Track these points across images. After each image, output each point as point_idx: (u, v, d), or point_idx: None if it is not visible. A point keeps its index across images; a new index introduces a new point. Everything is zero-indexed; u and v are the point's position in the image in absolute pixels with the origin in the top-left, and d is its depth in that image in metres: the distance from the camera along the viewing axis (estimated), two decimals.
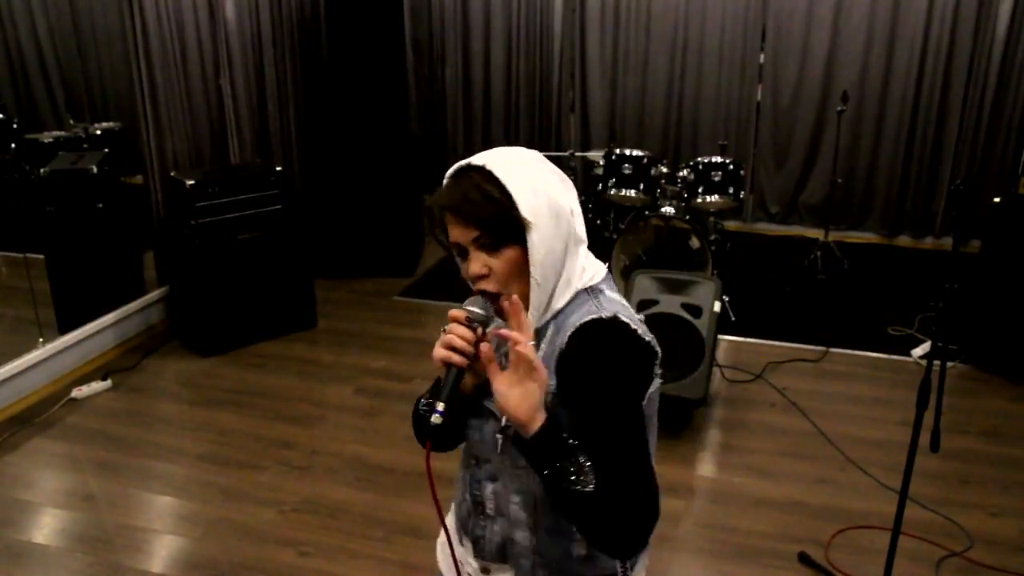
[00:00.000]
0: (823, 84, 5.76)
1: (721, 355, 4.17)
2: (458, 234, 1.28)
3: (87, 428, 3.62)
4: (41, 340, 3.90)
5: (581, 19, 6.14)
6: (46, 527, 2.98)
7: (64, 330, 4.05)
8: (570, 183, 1.34)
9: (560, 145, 6.31)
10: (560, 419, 1.23)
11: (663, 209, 4.42)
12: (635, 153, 4.58)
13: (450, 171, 1.34)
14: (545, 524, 1.36)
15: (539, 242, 1.25)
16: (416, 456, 3.35)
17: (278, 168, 4.37)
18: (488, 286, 1.28)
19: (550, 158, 1.38)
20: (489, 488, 1.40)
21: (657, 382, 1.32)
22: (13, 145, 4.19)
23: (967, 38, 5.38)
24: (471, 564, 1.47)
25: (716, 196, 4.59)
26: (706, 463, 3.37)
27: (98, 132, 4.56)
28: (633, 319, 1.29)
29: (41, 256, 4.15)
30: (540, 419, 1.20)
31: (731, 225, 5.94)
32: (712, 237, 4.54)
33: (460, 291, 1.34)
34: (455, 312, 1.27)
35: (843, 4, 5.57)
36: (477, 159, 1.30)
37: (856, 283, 5.15)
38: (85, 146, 4.47)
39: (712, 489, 3.17)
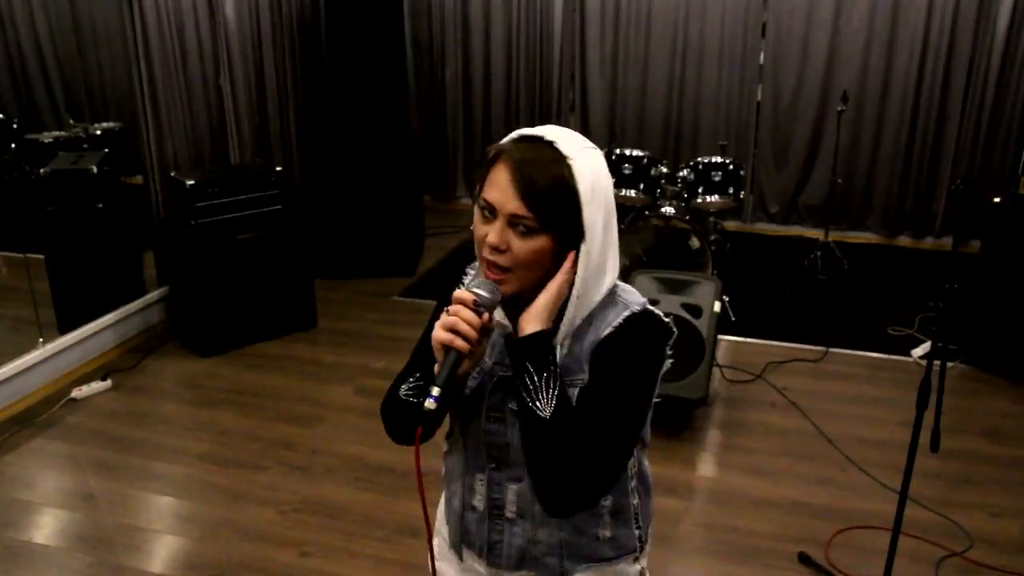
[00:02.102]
0: (823, 84, 5.76)
1: (721, 355, 4.17)
2: (500, 197, 1.19)
3: (87, 428, 3.62)
4: (41, 340, 3.90)
5: (581, 19, 6.14)
6: (46, 527, 2.98)
7: (64, 330, 4.05)
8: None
9: None
10: (550, 337, 1.23)
11: (663, 209, 4.42)
12: (635, 153, 4.58)
13: (522, 132, 1.24)
14: (573, 519, 1.36)
15: (590, 254, 1.22)
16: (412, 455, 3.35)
17: (278, 168, 4.37)
18: (500, 260, 1.21)
19: None
20: (512, 489, 1.36)
21: (667, 363, 1.33)
22: (13, 145, 4.19)
23: (967, 38, 5.38)
24: (478, 572, 1.44)
25: (716, 196, 4.59)
26: (706, 463, 3.37)
27: (98, 132, 4.56)
28: (652, 306, 1.32)
29: (41, 256, 4.15)
30: (537, 326, 1.21)
31: (731, 225, 5.94)
32: (712, 237, 4.54)
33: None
34: (461, 294, 1.21)
35: (843, 4, 5.58)
36: (558, 139, 1.21)
37: (856, 283, 5.15)
38: (85, 146, 4.47)
39: (712, 489, 3.17)
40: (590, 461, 1.19)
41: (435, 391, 1.18)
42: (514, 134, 1.25)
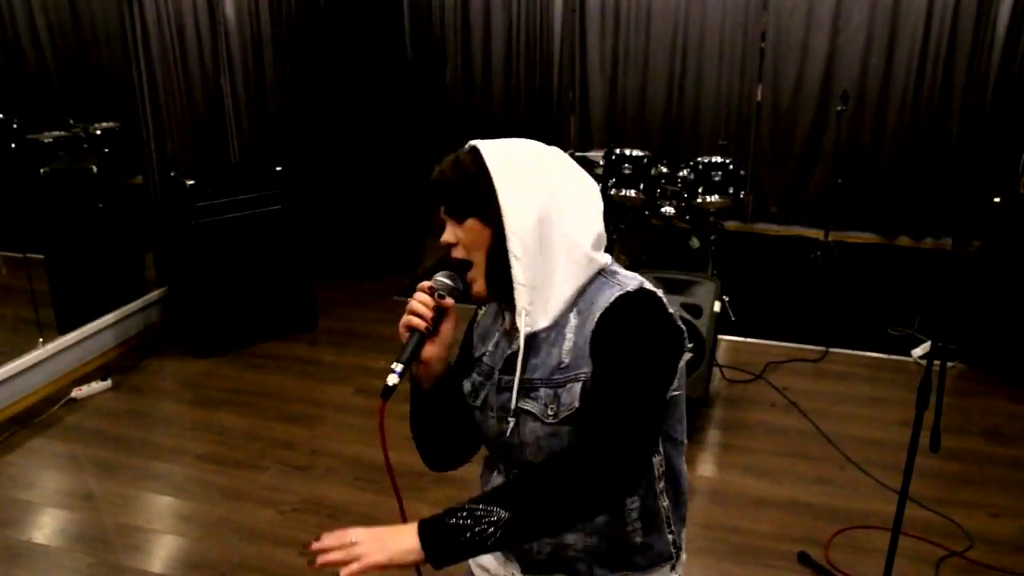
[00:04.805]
0: (823, 84, 5.76)
1: (721, 355, 4.17)
2: (439, 211, 1.36)
3: (87, 428, 3.62)
4: (41, 340, 3.90)
5: (581, 19, 6.13)
6: (46, 527, 2.98)
7: (64, 330, 4.05)
8: (578, 172, 1.38)
9: (560, 145, 6.29)
10: (435, 519, 1.15)
11: (663, 209, 4.42)
12: (635, 153, 4.58)
13: None
14: (599, 522, 1.34)
15: (509, 212, 1.28)
16: (416, 456, 3.35)
17: (278, 168, 4.37)
18: (457, 253, 1.34)
19: None
20: None
21: (687, 356, 1.34)
22: (13, 145, 4.19)
23: (967, 38, 5.38)
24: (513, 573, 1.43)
25: (716, 196, 4.59)
26: (706, 463, 3.37)
27: (98, 132, 4.56)
28: (658, 291, 1.32)
29: (41, 256, 4.15)
30: (413, 545, 1.12)
31: (731, 225, 5.94)
32: (712, 237, 4.54)
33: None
34: (422, 284, 1.35)
35: (843, 4, 5.57)
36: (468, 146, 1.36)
37: (856, 283, 5.15)
38: (85, 146, 4.46)
39: (712, 489, 3.17)
40: (603, 469, 1.15)
41: (397, 367, 1.25)
42: None
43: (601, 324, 1.26)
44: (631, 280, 1.31)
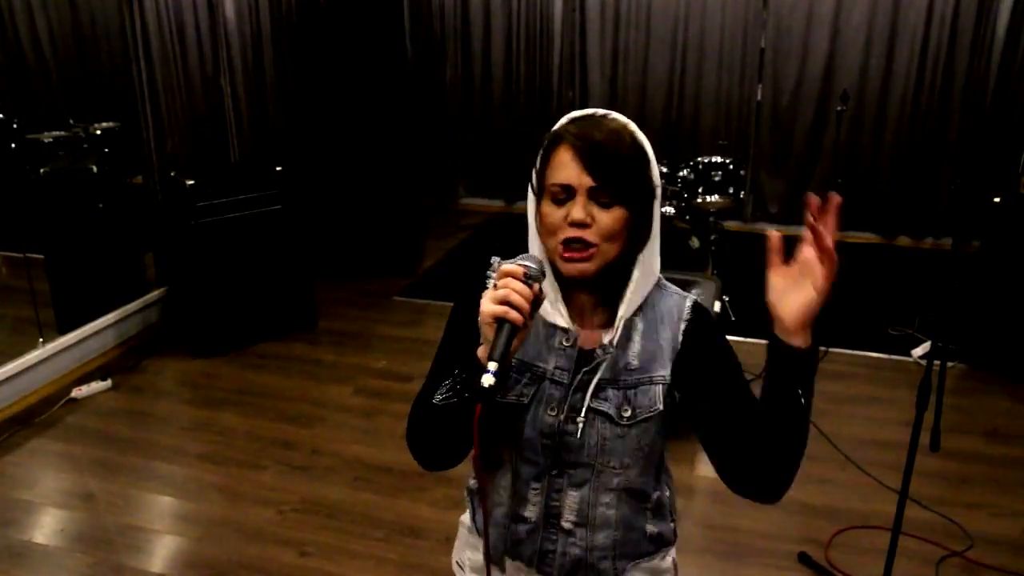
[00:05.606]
0: (823, 84, 5.76)
1: None
2: (575, 175, 1.18)
3: (87, 428, 3.62)
4: (41, 340, 3.90)
5: (581, 19, 6.14)
6: (46, 527, 2.98)
7: (64, 330, 4.05)
8: None
9: None
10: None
11: (663, 209, 4.41)
12: None
13: (571, 115, 1.26)
14: (626, 518, 1.35)
15: (657, 210, 1.26)
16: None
17: (278, 168, 4.36)
18: (586, 235, 1.19)
19: None
20: (573, 496, 1.32)
21: None
22: (13, 145, 4.19)
23: (967, 38, 5.38)
24: None
25: (716, 196, 4.58)
26: (706, 463, 3.35)
27: (98, 132, 4.56)
28: None
29: (41, 256, 4.15)
30: (808, 339, 1.18)
31: (731, 225, 5.94)
32: (712, 237, 4.54)
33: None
34: (510, 267, 1.15)
35: (843, 4, 5.58)
36: (613, 113, 1.26)
37: (856, 283, 5.15)
38: (85, 146, 4.46)
39: (712, 489, 3.17)
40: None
41: (492, 366, 1.09)
42: (564, 118, 1.26)
43: (695, 332, 1.31)
44: (673, 286, 1.36)
